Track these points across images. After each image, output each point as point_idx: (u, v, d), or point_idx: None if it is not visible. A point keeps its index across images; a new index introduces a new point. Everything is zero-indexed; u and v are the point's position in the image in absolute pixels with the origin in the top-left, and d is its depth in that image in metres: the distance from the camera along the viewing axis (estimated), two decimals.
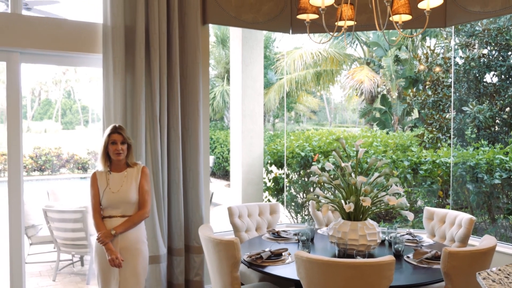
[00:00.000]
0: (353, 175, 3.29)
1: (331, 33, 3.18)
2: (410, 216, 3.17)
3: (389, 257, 2.58)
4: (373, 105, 13.56)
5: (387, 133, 8.18)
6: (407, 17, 3.10)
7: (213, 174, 15.03)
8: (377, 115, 13.16)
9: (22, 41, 3.50)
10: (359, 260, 2.68)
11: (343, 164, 3.31)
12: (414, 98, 7.03)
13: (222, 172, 14.70)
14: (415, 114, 10.95)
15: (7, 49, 3.49)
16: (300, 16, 3.22)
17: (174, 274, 3.94)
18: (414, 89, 8.64)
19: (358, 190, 3.18)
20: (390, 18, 3.10)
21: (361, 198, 3.11)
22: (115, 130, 3.15)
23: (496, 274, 2.06)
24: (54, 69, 18.95)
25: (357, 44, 13.51)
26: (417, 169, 5.54)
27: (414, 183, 5.60)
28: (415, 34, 6.81)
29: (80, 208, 4.89)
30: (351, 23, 3.29)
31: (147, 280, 3.72)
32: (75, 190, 7.67)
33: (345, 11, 3.21)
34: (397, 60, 11.88)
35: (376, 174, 3.36)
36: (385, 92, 12.96)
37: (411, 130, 10.20)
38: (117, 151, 3.12)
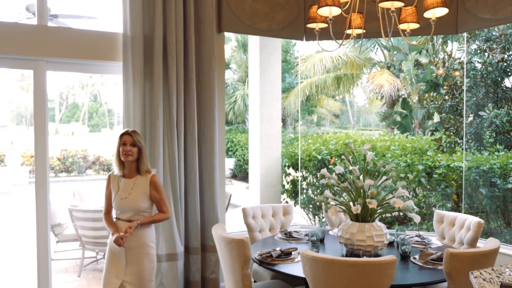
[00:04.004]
0: (361, 178, 3.39)
1: (338, 41, 3.31)
2: (417, 218, 3.25)
3: (391, 257, 2.67)
4: (393, 109, 13.52)
5: (407, 137, 8.19)
6: (415, 26, 3.18)
7: (234, 176, 15.20)
8: (398, 118, 13.11)
9: (47, 50, 3.73)
10: (361, 259, 2.78)
11: (351, 167, 3.43)
12: (431, 103, 7.05)
13: (243, 174, 14.87)
14: (436, 118, 10.89)
15: (34, 58, 3.72)
16: (310, 25, 3.36)
17: (191, 271, 4.10)
18: (432, 93, 8.61)
19: (365, 193, 3.29)
20: (398, 27, 3.20)
21: (367, 200, 3.21)
22: (126, 132, 3.23)
23: (488, 273, 2.14)
24: (81, 74, 19.48)
25: (377, 48, 13.50)
26: (432, 173, 5.58)
27: (428, 187, 5.64)
28: (419, 42, 6.82)
29: (103, 208, 5.10)
30: (360, 31, 3.39)
31: (165, 276, 3.89)
32: (99, 191, 7.96)
33: (354, 20, 3.33)
34: (417, 64, 11.84)
35: (384, 178, 3.45)
36: (405, 96, 12.91)
37: (432, 134, 10.15)
38: (125, 152, 3.17)
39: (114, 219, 3.29)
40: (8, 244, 7.55)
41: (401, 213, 6.10)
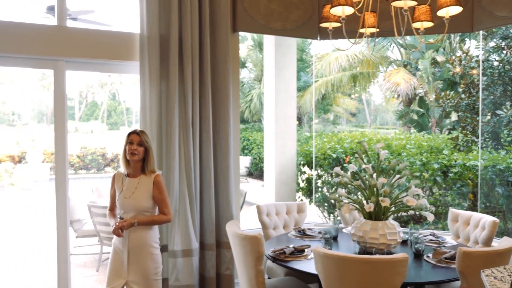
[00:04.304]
0: (375, 176, 3.41)
1: (351, 40, 3.33)
2: (430, 217, 3.26)
3: (402, 254, 2.69)
4: (410, 107, 13.42)
5: (423, 135, 8.14)
6: (429, 24, 3.18)
7: (250, 175, 15.26)
8: (415, 117, 13.01)
9: (67, 50, 3.83)
10: (373, 256, 2.80)
11: (363, 166, 3.45)
12: (448, 101, 6.99)
13: (258, 172, 14.91)
14: (454, 117, 10.77)
15: (54, 58, 3.82)
16: (323, 25, 3.38)
17: (206, 267, 4.16)
18: (448, 92, 8.52)
19: (378, 191, 3.30)
20: (412, 25, 3.21)
21: (380, 198, 3.23)
22: (134, 131, 3.24)
23: (500, 272, 2.15)
24: (100, 73, 19.78)
25: (393, 47, 13.41)
26: (448, 172, 5.55)
27: (444, 186, 5.62)
28: (436, 40, 6.76)
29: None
30: (374, 30, 3.40)
31: (180, 272, 3.96)
32: None
33: (367, 19, 3.35)
34: (434, 62, 11.73)
35: (397, 176, 3.46)
36: (422, 94, 12.81)
37: (449, 133, 10.06)
38: (131, 151, 3.16)
39: (118, 218, 3.28)
40: (29, 239, 7.74)
41: (416, 212, 6.08)
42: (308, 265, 3.13)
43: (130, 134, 3.23)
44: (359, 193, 3.57)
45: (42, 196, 12.19)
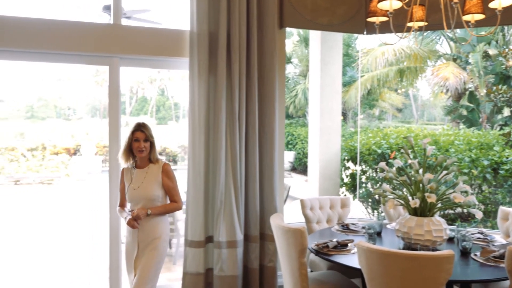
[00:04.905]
0: (421, 172, 3.37)
1: (398, 34, 3.30)
2: (478, 214, 3.19)
3: (448, 251, 2.66)
4: (459, 103, 12.99)
5: (473, 131, 7.89)
6: (480, 16, 3.10)
7: (294, 169, 15.28)
8: (464, 112, 12.58)
9: (121, 48, 3.99)
10: (417, 252, 2.79)
11: (409, 161, 3.42)
12: (500, 96, 6.74)
13: (302, 167, 14.91)
14: (507, 112, 10.34)
15: (109, 55, 4.00)
16: (370, 19, 3.37)
17: (249, 259, 4.25)
18: (500, 86, 8.17)
19: (424, 187, 3.27)
20: (462, 18, 3.14)
21: (426, 194, 3.19)
22: (139, 128, 3.25)
23: None
24: (150, 69, 20.31)
25: (443, 40, 13.01)
26: (498, 169, 5.38)
27: (494, 183, 5.45)
28: (488, 33, 6.51)
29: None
30: (422, 23, 3.36)
31: (225, 262, 4.06)
32: None
33: (415, 12, 3.30)
34: (486, 55, 11.29)
35: (444, 172, 3.41)
36: (472, 89, 12.36)
37: (501, 128, 9.68)
38: (139, 149, 3.22)
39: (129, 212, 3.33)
40: (82, 227, 8.13)
41: (464, 210, 5.93)
42: (351, 260, 3.13)
43: (134, 131, 3.25)
44: (404, 189, 3.54)
45: (94, 186, 12.74)
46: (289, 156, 14.69)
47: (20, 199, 11.15)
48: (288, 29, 4.51)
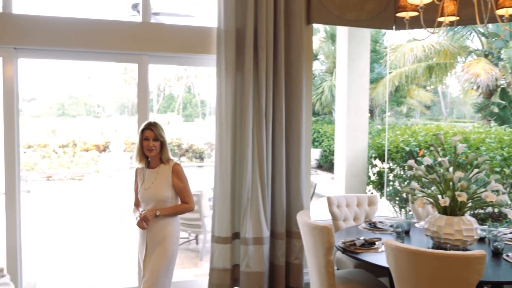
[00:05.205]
0: (451, 170, 3.31)
1: (429, 29, 3.24)
2: (511, 214, 3.12)
3: (479, 251, 2.60)
4: (491, 100, 12.65)
5: (505, 129, 7.68)
6: None
7: (320, 167, 15.21)
8: (496, 110, 12.25)
9: (150, 45, 4.05)
10: (447, 251, 2.74)
11: (439, 159, 3.35)
12: None
13: (328, 165, 14.82)
14: None
15: (138, 53, 4.06)
16: (400, 14, 3.32)
17: (276, 256, 4.25)
18: None
19: (454, 185, 3.21)
20: (495, 12, 3.06)
21: (456, 193, 3.13)
22: (148, 127, 3.19)
23: None
24: (176, 67, 20.52)
25: (474, 36, 12.68)
26: None
27: None
28: None
29: (196, 192, 5.43)
30: (453, 18, 3.29)
31: (251, 259, 4.08)
32: (192, 176, 8.42)
33: (446, 7, 3.24)
34: None
35: (475, 171, 3.34)
36: (505, 85, 12.02)
37: None
38: (148, 147, 3.16)
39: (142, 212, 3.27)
40: (111, 221, 8.29)
41: (495, 210, 5.79)
42: (378, 258, 3.10)
43: (144, 130, 3.20)
44: (433, 187, 3.49)
45: (123, 183, 12.96)
46: (315, 154, 14.62)
47: (52, 194, 11.45)
48: (314, 26, 4.48)
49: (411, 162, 3.49)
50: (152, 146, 3.16)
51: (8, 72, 3.81)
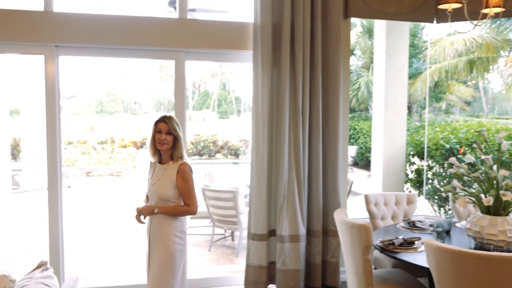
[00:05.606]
0: (495, 168, 3.19)
1: (473, 22, 3.13)
2: None
3: None
4: None
5: None
6: None
7: (356, 164, 15.01)
8: None
9: (187, 42, 4.07)
10: (492, 252, 2.64)
11: (483, 157, 3.24)
12: None
13: (364, 162, 14.61)
14: None
15: (175, 49, 4.10)
16: (442, 6, 3.22)
17: (312, 253, 4.22)
18: None
19: (498, 184, 3.09)
20: None
21: (501, 192, 3.02)
22: (163, 119, 3.07)
23: None
24: (212, 63, 20.68)
25: None
26: None
27: None
28: None
29: (232, 189, 5.46)
30: (499, 9, 3.16)
31: (287, 256, 4.06)
32: (228, 173, 8.50)
33: None
34: None
35: None
36: None
37: None
38: (160, 141, 3.05)
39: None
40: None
41: None
42: (417, 258, 3.03)
43: (157, 122, 3.09)
44: (475, 185, 3.37)
45: None
46: (351, 151, 14.44)
47: (91, 189, 11.77)
48: (351, 20, 4.41)
49: (453, 159, 3.39)
50: (164, 140, 3.05)
51: (49, 70, 3.92)
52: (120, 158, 14.78)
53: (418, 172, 6.07)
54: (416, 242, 3.26)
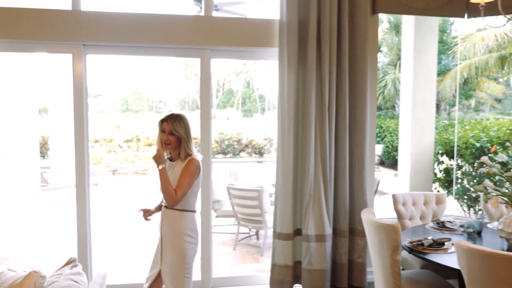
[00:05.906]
0: None
1: (507, 16, 3.02)
2: None
3: None
4: None
5: None
6: None
7: (382, 163, 14.81)
8: None
9: (212, 39, 4.06)
10: None
11: None
12: None
13: (391, 161, 14.40)
14: None
15: (201, 47, 4.08)
16: (474, 0, 3.13)
17: (338, 253, 4.17)
18: None
19: None
20: None
21: None
22: (166, 118, 3.03)
23: None
24: (236, 61, 20.72)
25: None
26: None
27: None
28: None
29: (257, 188, 5.44)
30: None
31: (313, 256, 4.02)
32: (252, 172, 8.49)
33: None
34: None
35: None
36: None
37: None
38: (163, 140, 3.01)
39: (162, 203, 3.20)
40: None
41: None
42: (448, 259, 2.96)
43: (162, 121, 3.04)
44: (507, 185, 3.26)
45: None
46: (377, 150, 14.25)
47: (118, 187, 11.93)
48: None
49: (485, 158, 3.29)
50: (167, 140, 3.00)
51: (77, 69, 3.97)
52: (145, 157, 14.95)
53: (447, 171, 5.94)
54: (446, 243, 3.19)
